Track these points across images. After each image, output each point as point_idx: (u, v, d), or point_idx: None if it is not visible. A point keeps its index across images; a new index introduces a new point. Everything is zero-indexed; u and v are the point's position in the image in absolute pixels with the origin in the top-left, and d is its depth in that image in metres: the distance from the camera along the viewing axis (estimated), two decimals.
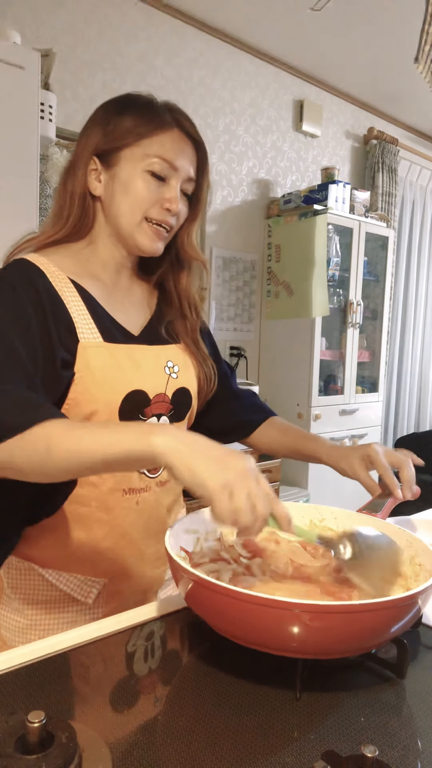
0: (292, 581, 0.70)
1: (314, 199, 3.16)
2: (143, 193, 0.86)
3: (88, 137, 0.88)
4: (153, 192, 0.86)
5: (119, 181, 0.86)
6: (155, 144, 0.86)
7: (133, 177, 0.86)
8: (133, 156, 0.86)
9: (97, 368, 0.82)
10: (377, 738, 0.53)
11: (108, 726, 0.54)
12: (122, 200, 0.86)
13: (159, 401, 0.89)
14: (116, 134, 0.86)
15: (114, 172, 0.87)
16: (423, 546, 0.73)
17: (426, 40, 1.46)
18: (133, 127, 0.87)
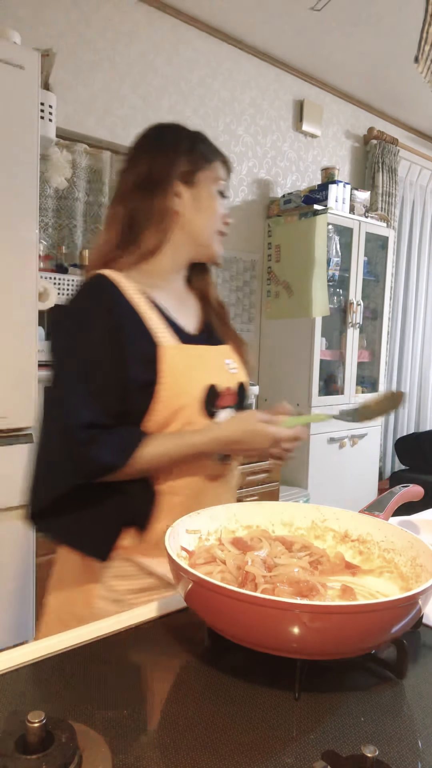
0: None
1: (314, 199, 3.16)
2: (218, 210, 1.04)
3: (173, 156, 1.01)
4: (221, 206, 1.05)
5: (199, 199, 1.02)
6: (218, 168, 1.05)
7: (211, 196, 1.03)
8: (206, 178, 1.03)
9: (178, 366, 0.94)
10: (377, 738, 0.53)
11: (108, 726, 0.54)
12: (203, 216, 1.02)
13: (227, 394, 1.01)
14: (196, 159, 1.02)
15: (195, 192, 1.02)
16: (424, 547, 0.73)
17: (426, 40, 1.46)
18: (207, 153, 1.04)
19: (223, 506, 0.85)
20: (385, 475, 4.24)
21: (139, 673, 0.64)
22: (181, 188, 1.00)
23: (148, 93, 2.83)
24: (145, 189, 0.99)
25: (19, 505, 1.72)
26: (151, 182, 0.99)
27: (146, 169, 0.99)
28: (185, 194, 1.00)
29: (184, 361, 0.95)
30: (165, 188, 0.99)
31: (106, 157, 2.71)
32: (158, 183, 0.99)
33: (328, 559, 0.78)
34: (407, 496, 0.99)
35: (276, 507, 0.88)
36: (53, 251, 2.55)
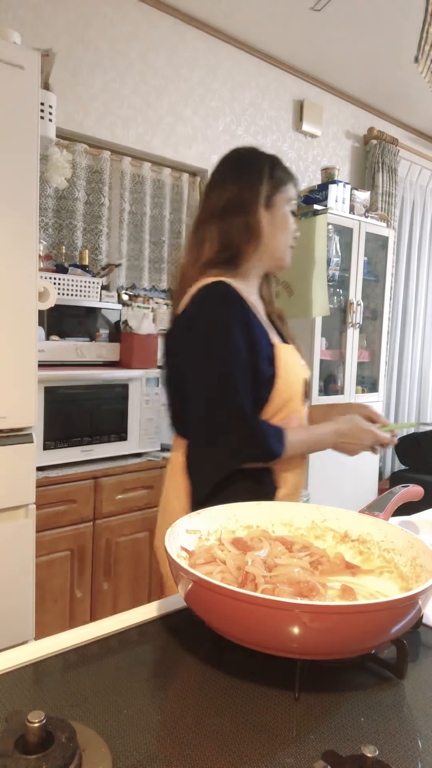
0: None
1: (314, 199, 3.16)
2: (291, 227, 1.21)
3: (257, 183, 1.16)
4: (292, 224, 1.21)
5: (278, 219, 1.18)
6: (291, 189, 1.20)
7: (286, 216, 1.19)
8: (281, 200, 1.18)
9: (287, 363, 1.15)
10: (377, 738, 0.53)
11: (108, 726, 0.54)
12: (281, 234, 1.19)
13: (306, 387, 1.22)
14: (274, 184, 1.17)
15: (273, 213, 1.17)
16: (424, 547, 0.73)
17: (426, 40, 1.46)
18: (283, 177, 1.19)
19: (223, 506, 0.85)
20: (385, 475, 4.24)
21: (139, 673, 0.64)
22: (262, 210, 1.15)
23: (148, 93, 2.83)
24: (233, 211, 1.14)
25: (19, 505, 1.72)
26: (238, 205, 1.14)
27: (234, 194, 1.14)
28: (265, 215, 1.16)
29: (290, 359, 1.16)
30: (250, 210, 1.14)
31: (106, 157, 2.71)
32: (245, 206, 1.14)
33: (329, 560, 0.78)
34: (407, 496, 0.99)
35: (276, 507, 0.88)
36: (53, 251, 2.55)
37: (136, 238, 2.89)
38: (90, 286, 2.40)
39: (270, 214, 1.16)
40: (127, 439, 2.33)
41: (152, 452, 2.44)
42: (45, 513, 2.01)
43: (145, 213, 2.89)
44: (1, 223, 1.60)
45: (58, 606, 2.10)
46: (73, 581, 2.12)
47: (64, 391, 2.13)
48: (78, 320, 2.36)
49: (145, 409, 2.38)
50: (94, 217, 2.72)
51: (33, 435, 1.74)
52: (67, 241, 2.63)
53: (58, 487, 2.05)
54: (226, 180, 1.17)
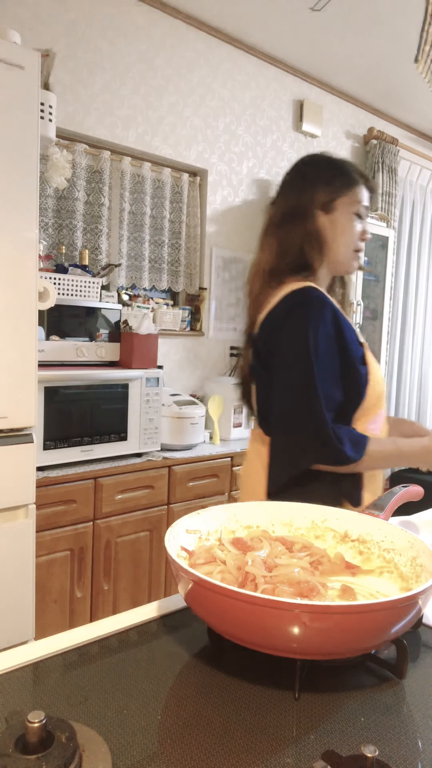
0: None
1: None
2: (354, 234, 1.20)
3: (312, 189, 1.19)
4: (357, 228, 1.20)
5: (338, 224, 1.19)
6: (359, 192, 1.19)
7: (348, 221, 1.19)
8: (343, 204, 1.18)
9: (372, 362, 1.19)
10: (377, 738, 0.53)
11: (108, 726, 0.54)
12: (340, 240, 1.19)
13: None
14: (334, 190, 1.18)
15: (332, 218, 1.19)
16: (424, 547, 0.73)
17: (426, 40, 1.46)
18: (346, 182, 1.19)
19: (223, 506, 0.85)
20: (385, 475, 4.23)
21: (139, 673, 0.64)
22: (321, 215, 1.18)
23: (148, 93, 2.83)
24: (292, 219, 1.19)
25: (19, 505, 1.72)
26: (296, 214, 1.18)
27: (292, 203, 1.19)
28: (325, 220, 1.18)
29: (372, 358, 1.20)
30: (308, 217, 1.17)
31: (106, 157, 2.71)
32: (301, 214, 1.18)
33: (329, 560, 0.78)
34: (407, 496, 0.99)
35: (276, 507, 0.88)
36: (53, 251, 2.55)
37: (136, 238, 2.89)
38: (90, 286, 2.40)
39: (330, 219, 1.19)
40: (127, 439, 2.33)
41: (152, 452, 2.44)
42: (45, 513, 2.01)
43: (145, 213, 2.89)
44: (1, 223, 1.60)
45: (58, 606, 2.10)
46: (73, 581, 2.12)
47: (64, 391, 2.13)
48: (78, 320, 2.36)
49: (145, 409, 2.38)
50: (94, 217, 2.72)
51: (33, 435, 1.74)
52: (67, 241, 2.63)
53: (58, 487, 2.05)
54: (286, 191, 1.22)
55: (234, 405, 2.87)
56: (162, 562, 2.39)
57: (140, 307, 2.80)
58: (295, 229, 1.18)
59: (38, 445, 2.04)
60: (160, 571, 2.39)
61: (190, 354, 3.13)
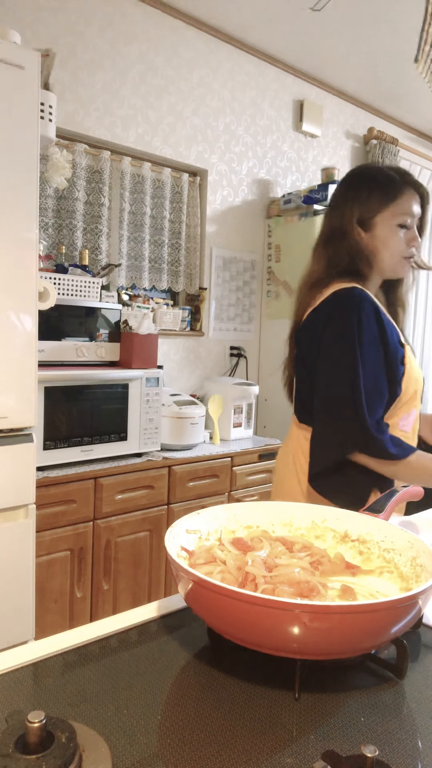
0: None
1: (314, 199, 3.16)
2: (399, 244, 1.23)
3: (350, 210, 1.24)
4: (403, 238, 1.23)
5: (379, 239, 1.23)
6: (400, 205, 1.21)
7: (390, 234, 1.22)
8: (384, 218, 1.22)
9: (411, 362, 1.24)
10: (377, 738, 0.53)
11: (108, 726, 0.54)
12: (384, 252, 1.24)
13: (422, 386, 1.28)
14: (371, 206, 1.22)
15: (373, 234, 1.23)
16: (424, 547, 0.73)
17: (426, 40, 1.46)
18: (387, 194, 1.21)
19: (223, 506, 0.85)
20: None
21: (139, 672, 0.64)
22: (361, 233, 1.23)
23: (148, 93, 2.83)
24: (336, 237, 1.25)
25: (19, 505, 1.72)
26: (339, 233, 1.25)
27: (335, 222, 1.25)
28: (366, 237, 1.23)
29: (412, 358, 1.24)
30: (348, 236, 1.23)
31: (106, 157, 2.71)
32: (343, 233, 1.23)
33: (329, 560, 0.78)
34: (407, 496, 0.99)
35: (276, 507, 0.88)
36: (53, 251, 2.55)
37: (136, 238, 2.89)
38: (90, 286, 2.40)
39: (370, 235, 1.23)
40: (127, 439, 2.33)
41: (152, 452, 2.44)
42: (45, 513, 2.01)
43: (145, 213, 2.89)
44: (1, 223, 1.60)
45: (58, 606, 2.10)
46: (73, 581, 2.12)
47: (64, 391, 2.13)
48: (78, 320, 2.36)
49: (145, 409, 2.38)
50: (94, 217, 2.72)
51: (33, 435, 1.74)
52: (67, 241, 2.63)
53: (58, 487, 2.05)
54: (332, 205, 1.29)
55: (234, 405, 2.87)
56: (162, 562, 2.39)
57: (140, 307, 2.80)
58: (341, 246, 1.24)
59: (38, 445, 2.04)
60: (160, 571, 2.39)
61: (190, 354, 3.13)
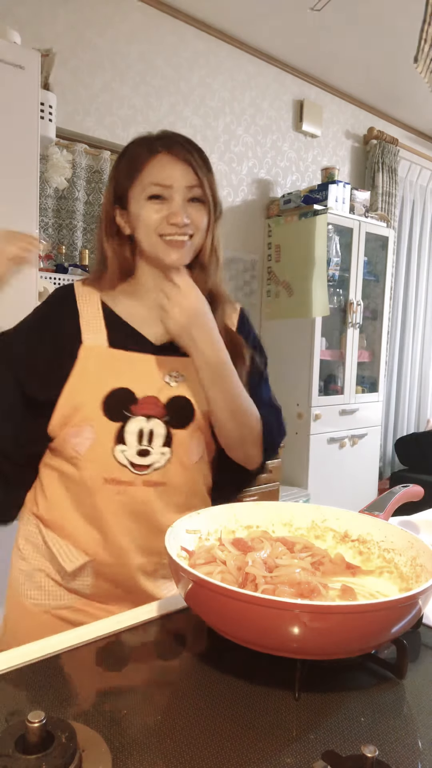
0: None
1: (314, 199, 3.16)
2: (150, 216, 0.96)
3: (107, 192, 1.03)
4: (158, 212, 0.95)
5: (134, 216, 0.98)
6: (146, 174, 0.96)
7: (140, 208, 0.96)
8: (135, 193, 0.97)
9: (92, 366, 0.97)
10: (377, 738, 0.53)
11: (108, 726, 0.54)
12: (139, 230, 0.98)
13: (149, 403, 0.97)
14: (119, 181, 0.99)
15: (129, 211, 0.98)
16: (424, 547, 0.73)
17: (426, 40, 1.46)
18: (128, 170, 0.98)
19: (223, 506, 0.85)
20: (385, 475, 4.24)
21: (139, 673, 0.64)
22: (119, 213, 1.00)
23: (148, 93, 2.83)
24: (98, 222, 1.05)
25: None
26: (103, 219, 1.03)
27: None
28: (121, 218, 1.00)
29: (100, 362, 0.97)
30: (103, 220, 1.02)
31: (106, 157, 2.71)
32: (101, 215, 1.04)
33: (330, 560, 0.78)
34: (407, 496, 0.99)
35: (276, 507, 0.88)
36: (53, 251, 2.55)
37: None
38: None
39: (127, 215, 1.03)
40: None
41: None
42: None
43: None
44: (2, 223, 1.60)
45: None
46: None
47: None
48: None
49: None
50: (94, 217, 2.72)
51: None
52: (67, 241, 2.63)
53: None
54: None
55: None
56: None
57: None
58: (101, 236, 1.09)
59: None
60: None
61: None
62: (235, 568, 0.69)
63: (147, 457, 0.96)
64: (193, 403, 0.99)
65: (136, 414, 0.96)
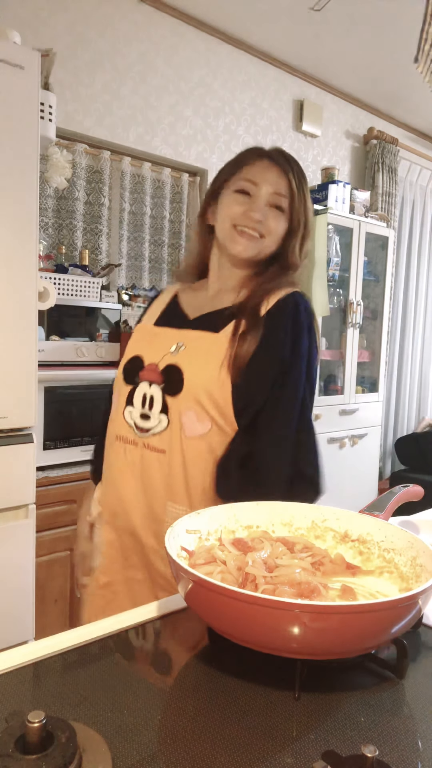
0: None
1: (314, 199, 3.16)
2: (232, 206, 1.06)
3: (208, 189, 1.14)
4: (241, 204, 1.05)
5: (219, 205, 1.09)
6: (244, 172, 1.07)
7: (226, 197, 1.08)
8: (228, 185, 1.08)
9: (132, 340, 1.15)
10: (377, 738, 0.53)
11: (108, 726, 0.54)
12: (219, 217, 1.08)
13: (150, 370, 1.07)
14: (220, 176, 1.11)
15: (218, 202, 1.09)
16: (424, 547, 0.73)
17: (426, 40, 1.46)
18: (231, 167, 1.10)
19: (223, 506, 0.85)
20: (385, 475, 4.24)
21: (139, 673, 0.64)
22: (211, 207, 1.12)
23: (148, 93, 2.83)
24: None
25: (19, 505, 1.72)
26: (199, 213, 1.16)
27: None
28: (211, 210, 1.12)
29: (135, 336, 1.15)
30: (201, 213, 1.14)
31: (106, 157, 2.71)
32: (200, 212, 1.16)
33: (330, 560, 0.78)
34: (407, 496, 0.99)
35: (276, 507, 0.88)
36: (53, 251, 2.55)
37: (136, 238, 2.89)
38: (90, 286, 2.40)
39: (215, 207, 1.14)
40: None
41: None
42: (45, 513, 2.01)
43: (145, 213, 2.89)
44: (1, 223, 1.60)
45: (58, 606, 2.09)
46: (73, 581, 2.12)
47: (64, 391, 2.13)
48: (78, 320, 2.36)
49: None
50: (94, 217, 2.72)
51: (33, 435, 1.74)
52: (67, 241, 2.63)
53: (58, 487, 2.05)
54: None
55: None
56: None
57: (140, 307, 2.80)
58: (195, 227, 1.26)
59: (38, 445, 2.04)
60: None
61: None
62: (235, 568, 0.69)
63: (147, 421, 1.04)
64: (182, 370, 1.02)
65: (142, 379, 1.06)
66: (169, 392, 1.02)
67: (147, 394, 1.04)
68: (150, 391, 1.03)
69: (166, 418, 1.02)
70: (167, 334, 1.08)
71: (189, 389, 1.01)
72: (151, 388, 1.04)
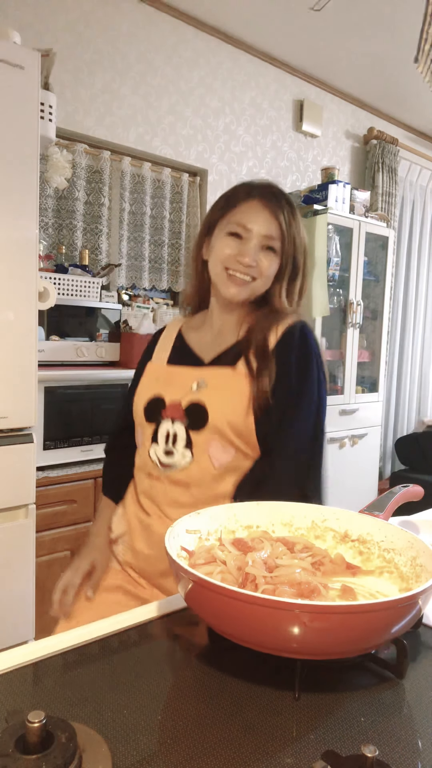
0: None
1: (314, 199, 3.16)
2: (224, 250, 1.07)
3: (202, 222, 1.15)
4: (232, 249, 1.06)
5: (212, 245, 1.10)
6: (236, 213, 1.07)
7: (218, 239, 1.08)
8: (220, 226, 1.09)
9: (146, 379, 1.16)
10: (377, 738, 0.53)
11: (108, 726, 0.54)
12: (211, 258, 1.10)
13: (172, 407, 1.08)
14: (213, 213, 1.12)
15: (211, 240, 1.11)
16: (424, 547, 0.73)
17: (426, 40, 1.46)
18: (223, 205, 1.10)
19: (223, 506, 0.85)
20: (385, 475, 4.24)
21: (139, 673, 0.64)
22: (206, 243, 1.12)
23: (148, 93, 2.83)
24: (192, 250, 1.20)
25: (19, 505, 1.72)
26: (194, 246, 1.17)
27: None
28: (206, 245, 1.13)
29: (150, 375, 1.16)
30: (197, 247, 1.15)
31: (106, 157, 2.71)
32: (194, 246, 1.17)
33: (331, 560, 0.78)
34: (407, 496, 0.99)
35: (276, 507, 0.88)
36: (53, 251, 2.55)
37: (136, 238, 2.89)
38: (90, 286, 2.40)
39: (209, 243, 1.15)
40: None
41: None
42: (45, 513, 2.01)
43: (145, 213, 2.89)
44: (1, 223, 1.60)
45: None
46: None
47: (64, 391, 2.13)
48: (78, 320, 2.36)
49: None
50: (94, 217, 2.72)
51: (33, 435, 1.74)
52: (67, 241, 2.63)
53: (58, 487, 2.05)
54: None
55: None
56: None
57: (140, 307, 2.80)
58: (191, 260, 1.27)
59: (38, 445, 2.04)
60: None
61: None
62: (235, 568, 0.69)
63: (171, 457, 1.06)
64: (206, 407, 1.05)
65: (164, 417, 1.08)
66: (193, 428, 1.06)
67: (170, 431, 1.07)
68: (173, 428, 1.07)
69: (190, 452, 1.05)
70: (185, 373, 1.11)
71: (213, 423, 1.04)
72: (174, 425, 1.07)
